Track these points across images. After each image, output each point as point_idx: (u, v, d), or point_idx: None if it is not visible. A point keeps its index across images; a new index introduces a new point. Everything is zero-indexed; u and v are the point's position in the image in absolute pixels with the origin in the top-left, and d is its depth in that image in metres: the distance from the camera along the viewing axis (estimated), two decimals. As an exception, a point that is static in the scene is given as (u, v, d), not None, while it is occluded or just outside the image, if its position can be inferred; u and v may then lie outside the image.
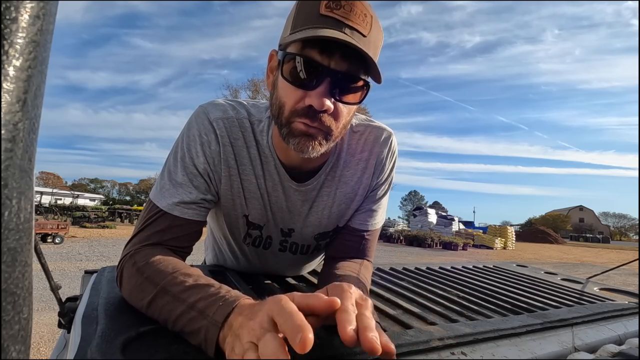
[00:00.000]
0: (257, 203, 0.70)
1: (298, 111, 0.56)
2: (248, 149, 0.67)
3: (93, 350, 0.37)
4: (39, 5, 0.19)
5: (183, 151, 0.64)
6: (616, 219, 74.35)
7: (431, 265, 1.11)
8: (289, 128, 0.57)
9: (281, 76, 0.57)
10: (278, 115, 0.59)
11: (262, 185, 0.69)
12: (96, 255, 7.37)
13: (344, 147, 0.72)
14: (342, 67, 0.54)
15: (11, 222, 0.19)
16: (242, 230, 0.73)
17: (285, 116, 0.57)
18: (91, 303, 0.51)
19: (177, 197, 0.62)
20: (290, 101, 0.56)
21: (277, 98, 0.59)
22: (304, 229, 0.74)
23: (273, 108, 0.61)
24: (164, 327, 0.45)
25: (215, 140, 0.64)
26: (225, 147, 0.65)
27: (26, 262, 0.20)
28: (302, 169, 0.68)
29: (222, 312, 0.40)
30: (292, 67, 0.55)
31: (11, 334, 0.19)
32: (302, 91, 0.55)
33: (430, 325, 0.57)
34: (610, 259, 15.01)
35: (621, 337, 0.63)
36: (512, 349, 0.51)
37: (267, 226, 0.73)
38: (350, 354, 0.43)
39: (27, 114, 0.19)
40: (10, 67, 0.18)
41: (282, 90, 0.58)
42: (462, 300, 0.75)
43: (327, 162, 0.70)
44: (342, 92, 0.56)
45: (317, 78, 0.54)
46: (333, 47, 0.52)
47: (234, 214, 0.71)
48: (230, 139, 0.66)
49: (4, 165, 0.18)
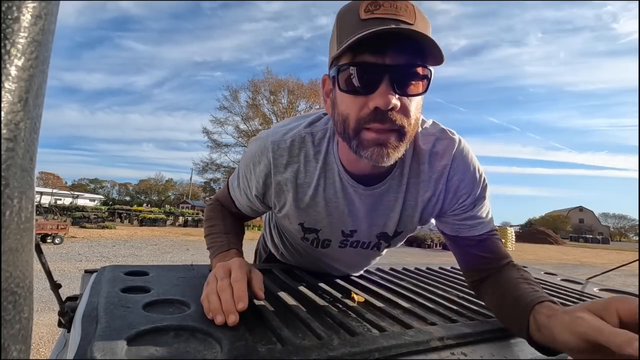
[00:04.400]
0: (312, 211, 0.72)
1: (365, 118, 0.55)
2: (306, 163, 0.69)
3: (93, 349, 0.37)
4: (41, 5, 0.19)
5: (242, 167, 0.76)
6: (616, 219, 74.36)
7: (431, 266, 1.11)
8: (359, 139, 0.56)
9: (339, 90, 0.57)
10: (344, 130, 0.58)
11: (320, 194, 0.70)
12: (96, 255, 7.37)
13: (415, 154, 0.69)
14: (397, 61, 0.52)
15: (12, 221, 0.19)
16: (299, 234, 0.78)
17: (352, 127, 0.56)
18: (91, 302, 0.51)
19: (238, 196, 0.79)
20: (354, 111, 0.55)
21: (339, 114, 0.59)
22: (368, 229, 0.74)
23: (337, 126, 0.60)
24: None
25: (267, 163, 0.70)
26: (277, 168, 0.69)
27: (27, 262, 0.20)
28: (372, 173, 0.67)
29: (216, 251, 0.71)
30: (347, 77, 0.54)
31: (12, 334, 0.19)
32: (364, 97, 0.54)
33: (430, 325, 0.57)
34: (610, 260, 15.01)
35: (621, 337, 0.63)
36: (512, 349, 0.51)
37: (323, 230, 0.76)
38: (351, 354, 0.43)
39: (28, 114, 0.19)
40: (12, 66, 0.18)
41: (343, 104, 0.57)
42: (462, 300, 0.75)
43: (395, 167, 0.68)
44: (404, 85, 0.54)
45: (375, 79, 0.53)
46: (383, 44, 0.51)
47: (287, 222, 0.77)
48: (284, 160, 0.69)
49: (5, 165, 0.18)
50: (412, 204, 0.71)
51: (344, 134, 0.58)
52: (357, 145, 0.57)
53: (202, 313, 0.51)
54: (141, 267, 0.73)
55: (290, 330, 0.49)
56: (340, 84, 0.56)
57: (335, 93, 0.59)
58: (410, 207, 0.71)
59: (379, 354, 0.44)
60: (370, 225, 0.74)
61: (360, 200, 0.70)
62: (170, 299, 0.56)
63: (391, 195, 0.70)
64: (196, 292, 0.61)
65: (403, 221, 0.73)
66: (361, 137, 0.56)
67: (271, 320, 0.51)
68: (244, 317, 0.51)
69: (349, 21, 0.54)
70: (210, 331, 0.45)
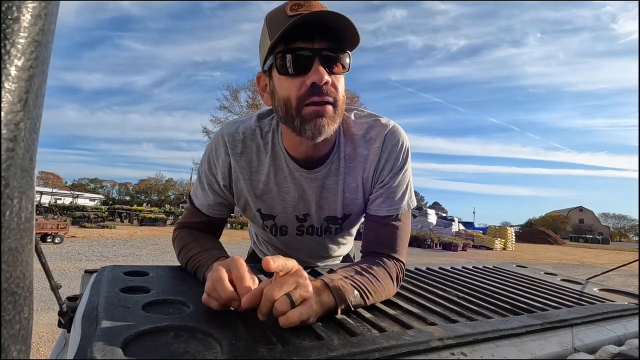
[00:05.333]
0: (267, 197, 0.81)
1: (304, 94, 0.63)
2: (258, 153, 0.78)
3: (93, 349, 0.37)
4: (41, 5, 0.19)
5: (204, 163, 0.81)
6: (616, 219, 74.32)
7: (431, 266, 1.11)
8: (301, 116, 0.65)
9: (278, 75, 0.65)
10: (286, 112, 0.66)
11: (272, 180, 0.79)
12: (96, 255, 7.37)
13: (350, 140, 0.78)
14: (324, 45, 0.63)
15: (12, 221, 0.19)
16: (259, 221, 0.85)
17: (294, 106, 0.64)
18: (91, 302, 0.51)
19: (204, 200, 0.82)
20: (294, 91, 0.64)
21: (279, 99, 0.67)
22: (317, 211, 0.82)
23: (279, 110, 0.68)
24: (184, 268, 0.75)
25: (225, 153, 0.77)
26: (234, 158, 0.77)
27: (27, 262, 0.20)
28: (313, 158, 0.76)
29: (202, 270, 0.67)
30: (284, 63, 0.63)
31: (12, 334, 0.19)
32: (301, 77, 0.63)
33: (430, 326, 0.57)
34: (610, 260, 15.01)
35: (621, 337, 0.63)
36: (512, 350, 0.51)
37: (279, 216, 0.84)
38: (351, 354, 0.43)
39: (28, 114, 0.19)
40: (12, 66, 0.18)
41: (283, 88, 0.65)
42: (462, 300, 0.75)
43: (332, 152, 0.77)
44: (332, 65, 0.64)
45: (308, 60, 0.62)
46: (311, 33, 0.62)
47: (249, 209, 0.84)
48: (240, 149, 0.77)
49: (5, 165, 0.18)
50: (353, 187, 0.79)
51: (287, 116, 0.66)
52: (300, 122, 0.65)
53: (202, 313, 0.51)
54: (141, 267, 0.73)
55: (290, 330, 0.49)
56: (279, 69, 0.64)
57: (273, 83, 0.68)
58: (352, 189, 0.79)
59: (379, 354, 0.44)
60: (319, 209, 0.82)
61: (307, 184, 0.78)
62: (170, 299, 0.56)
63: (332, 179, 0.78)
64: (196, 292, 0.61)
65: (347, 204, 0.81)
66: (302, 113, 0.64)
67: (271, 320, 0.51)
68: (244, 317, 0.51)
69: (278, 20, 0.63)
70: (210, 331, 0.45)
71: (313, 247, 0.95)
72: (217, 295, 0.51)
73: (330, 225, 0.85)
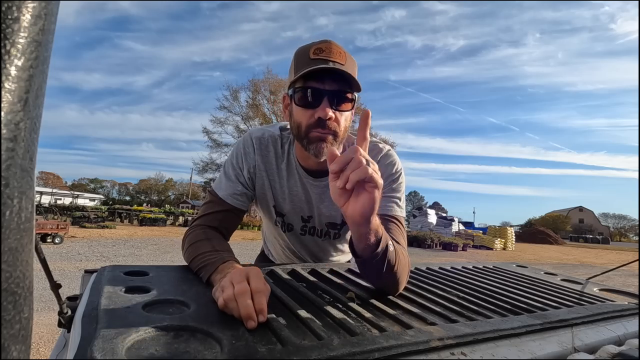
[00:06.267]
0: (280, 196, 0.97)
1: (312, 124, 0.80)
2: (277, 158, 0.95)
3: (93, 349, 0.37)
4: (41, 5, 0.19)
5: (233, 158, 0.94)
6: (616, 219, 74.29)
7: (431, 266, 1.11)
8: (308, 138, 0.81)
9: (295, 105, 0.81)
10: (298, 133, 0.83)
11: (285, 183, 0.95)
12: (96, 255, 7.37)
13: None
14: (333, 87, 0.78)
15: (12, 221, 0.19)
16: (272, 216, 1.01)
17: (303, 131, 0.81)
18: (91, 302, 0.51)
19: (231, 189, 0.91)
20: (304, 120, 0.80)
21: (294, 121, 0.84)
22: (319, 216, 0.98)
23: (293, 129, 0.86)
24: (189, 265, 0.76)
25: (253, 152, 0.93)
26: (260, 157, 0.94)
27: (27, 262, 0.20)
28: (319, 169, 0.92)
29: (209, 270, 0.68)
30: (301, 96, 0.80)
31: (12, 334, 0.19)
32: (312, 110, 0.79)
33: (430, 326, 0.57)
34: (610, 260, 15.00)
35: (621, 337, 0.63)
36: (512, 350, 0.51)
37: (287, 215, 0.99)
38: (351, 354, 0.43)
39: (28, 114, 0.19)
40: (12, 66, 0.18)
41: (297, 115, 0.82)
42: (462, 300, 0.75)
43: None
44: (338, 104, 0.80)
45: (319, 99, 0.78)
46: (325, 76, 0.77)
47: (265, 203, 0.99)
48: (264, 152, 0.94)
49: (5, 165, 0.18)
50: None
51: (298, 135, 0.83)
52: (307, 142, 0.81)
53: (202, 313, 0.51)
54: (141, 267, 0.73)
55: (290, 330, 0.49)
56: (296, 100, 0.81)
57: (292, 107, 0.83)
58: None
59: (379, 354, 0.44)
60: (321, 214, 0.97)
61: (312, 190, 0.94)
62: (170, 299, 0.56)
63: None
64: (196, 292, 0.61)
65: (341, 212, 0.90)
66: (309, 136, 0.81)
67: (271, 321, 0.51)
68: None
69: (302, 59, 0.78)
70: (210, 331, 0.45)
71: (314, 248, 1.08)
72: (235, 306, 0.51)
73: (330, 230, 1.00)
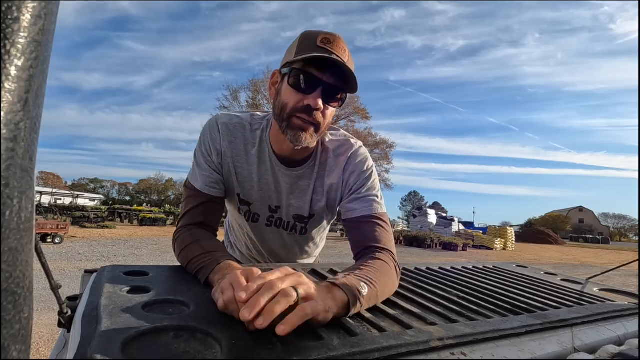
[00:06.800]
0: (247, 184, 0.92)
1: (298, 109, 0.76)
2: (246, 144, 0.90)
3: (93, 349, 0.37)
4: (41, 5, 0.19)
5: (201, 145, 0.89)
6: (616, 219, 74.26)
7: (431, 266, 1.11)
8: (289, 122, 0.78)
9: (287, 84, 0.77)
10: (280, 113, 0.79)
11: (254, 170, 0.91)
12: (96, 255, 7.37)
13: (324, 152, 0.92)
14: (330, 81, 0.76)
15: (12, 221, 0.19)
16: (236, 205, 0.97)
17: (287, 112, 0.77)
18: (91, 302, 0.51)
19: (206, 179, 0.87)
20: (292, 102, 0.77)
21: (280, 101, 0.79)
22: (287, 207, 0.95)
23: (276, 108, 0.81)
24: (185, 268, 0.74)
25: (218, 136, 0.88)
26: (227, 142, 0.89)
27: (27, 262, 0.20)
28: (292, 158, 0.89)
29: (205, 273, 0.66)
30: (296, 78, 0.76)
31: (12, 334, 0.19)
32: (302, 95, 0.76)
33: (430, 326, 0.56)
34: (610, 260, 15.00)
35: (621, 337, 0.63)
36: (512, 350, 0.51)
37: (254, 204, 0.95)
38: (350, 354, 0.43)
39: (28, 114, 0.19)
40: (12, 66, 0.18)
41: (286, 95, 0.78)
42: (462, 300, 0.75)
43: (310, 158, 0.91)
44: (330, 98, 0.78)
45: (314, 87, 0.75)
46: (326, 67, 0.74)
47: (231, 191, 0.94)
48: (231, 137, 0.89)
49: (5, 165, 0.18)
50: (320, 190, 0.93)
51: (280, 115, 0.79)
52: (286, 125, 0.78)
53: (202, 313, 0.51)
54: (141, 267, 0.73)
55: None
56: (289, 81, 0.77)
57: (282, 85, 0.80)
58: (319, 192, 0.93)
59: (379, 354, 0.44)
60: (289, 205, 0.94)
61: (282, 179, 0.91)
62: (170, 299, 0.56)
63: (305, 181, 0.92)
64: (196, 292, 0.61)
65: (313, 204, 0.94)
66: (291, 120, 0.78)
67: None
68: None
69: (309, 43, 0.75)
70: (210, 331, 0.45)
71: (279, 242, 1.03)
72: (235, 308, 0.49)
73: (297, 223, 0.98)
